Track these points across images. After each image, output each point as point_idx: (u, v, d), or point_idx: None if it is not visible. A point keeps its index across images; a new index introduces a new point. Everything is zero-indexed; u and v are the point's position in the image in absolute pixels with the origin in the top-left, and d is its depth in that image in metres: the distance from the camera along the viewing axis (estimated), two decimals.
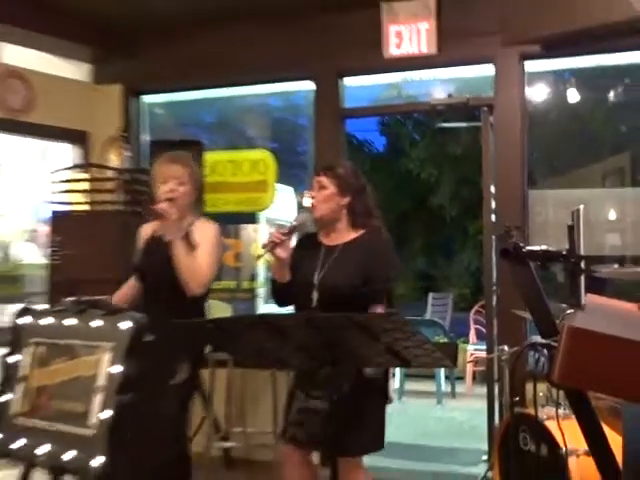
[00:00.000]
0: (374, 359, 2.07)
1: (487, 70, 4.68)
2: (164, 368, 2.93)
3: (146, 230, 3.35)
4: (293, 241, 3.11)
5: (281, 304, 3.14)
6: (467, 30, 4.56)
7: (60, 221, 4.86)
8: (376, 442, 2.96)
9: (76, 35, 5.06)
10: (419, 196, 15.60)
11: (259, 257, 2.96)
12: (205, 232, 3.18)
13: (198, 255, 3.09)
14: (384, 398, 2.99)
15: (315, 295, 2.88)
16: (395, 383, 7.17)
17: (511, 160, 4.55)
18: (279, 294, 3.09)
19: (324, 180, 3.02)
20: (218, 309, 4.85)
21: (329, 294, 2.86)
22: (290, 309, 3.11)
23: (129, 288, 3.33)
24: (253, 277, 5.65)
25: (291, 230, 2.96)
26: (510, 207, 4.49)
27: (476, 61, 4.71)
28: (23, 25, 4.69)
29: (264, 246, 2.91)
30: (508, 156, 4.55)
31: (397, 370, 7.15)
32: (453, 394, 7.36)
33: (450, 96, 4.71)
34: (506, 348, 3.81)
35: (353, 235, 3.01)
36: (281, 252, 2.90)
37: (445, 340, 7.65)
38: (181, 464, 3.14)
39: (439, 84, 5.11)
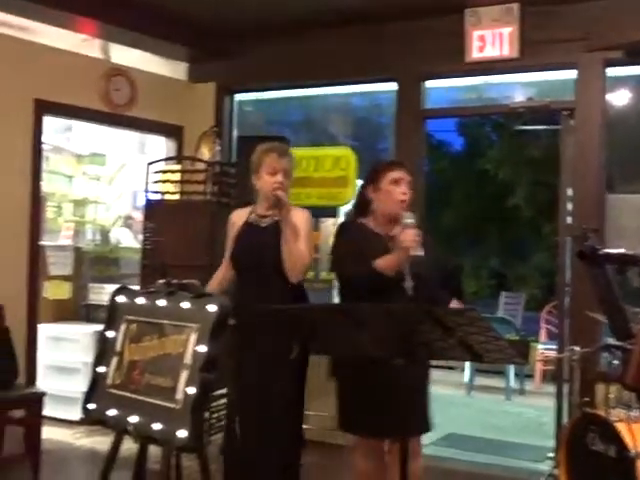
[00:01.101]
0: (447, 352, 2.05)
1: (567, 74, 4.56)
2: (280, 346, 2.94)
3: (238, 216, 3.28)
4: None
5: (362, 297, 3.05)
6: (550, 35, 4.45)
7: (153, 209, 4.99)
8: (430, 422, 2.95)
9: (175, 36, 5.18)
10: (495, 196, 15.29)
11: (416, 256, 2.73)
12: (300, 218, 3.13)
13: (299, 241, 3.06)
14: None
15: (409, 284, 2.71)
16: (465, 377, 7.08)
17: (590, 164, 4.42)
18: (373, 286, 2.81)
19: (409, 179, 2.97)
20: None
21: (422, 283, 2.75)
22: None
23: (223, 274, 3.29)
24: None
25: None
26: (587, 210, 4.36)
27: (558, 66, 4.59)
28: (129, 27, 4.83)
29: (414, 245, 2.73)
30: (587, 160, 4.42)
31: (467, 365, 7.06)
32: (522, 391, 7.21)
33: (531, 99, 4.61)
34: (577, 348, 3.71)
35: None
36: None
37: (516, 338, 7.50)
38: (296, 446, 3.11)
39: (519, 87, 5.00)
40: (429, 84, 4.99)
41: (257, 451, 3.00)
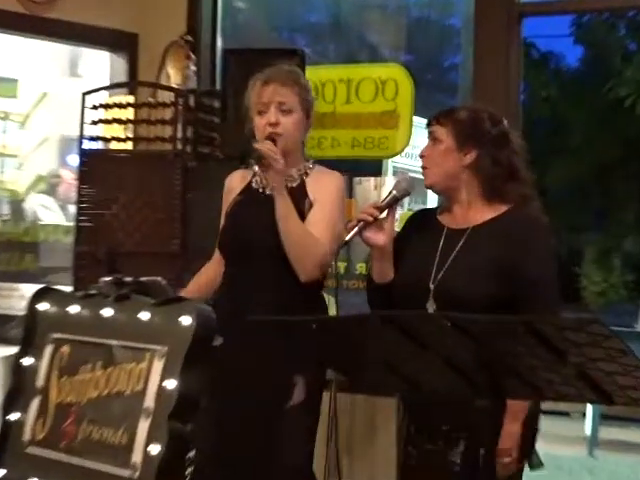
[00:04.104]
0: (556, 388, 2.05)
1: None
2: (275, 385, 3.02)
3: (237, 180, 3.40)
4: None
5: None
6: None
7: (93, 165, 5.02)
8: None
9: None
10: (632, 139, 15.22)
11: (344, 244, 2.98)
12: (324, 186, 3.20)
13: (314, 220, 3.13)
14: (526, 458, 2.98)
15: (431, 305, 2.84)
16: (585, 429, 7.10)
17: None
18: (375, 300, 3.07)
19: (438, 131, 2.98)
20: None
21: (450, 305, 2.76)
22: None
23: (214, 272, 3.39)
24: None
25: (390, 203, 2.94)
26: None
27: None
28: None
29: (350, 228, 2.90)
30: None
31: (588, 408, 7.07)
32: None
33: None
34: None
35: (490, 213, 2.95)
36: (374, 236, 2.89)
37: None
38: None
39: None
40: None
41: None
